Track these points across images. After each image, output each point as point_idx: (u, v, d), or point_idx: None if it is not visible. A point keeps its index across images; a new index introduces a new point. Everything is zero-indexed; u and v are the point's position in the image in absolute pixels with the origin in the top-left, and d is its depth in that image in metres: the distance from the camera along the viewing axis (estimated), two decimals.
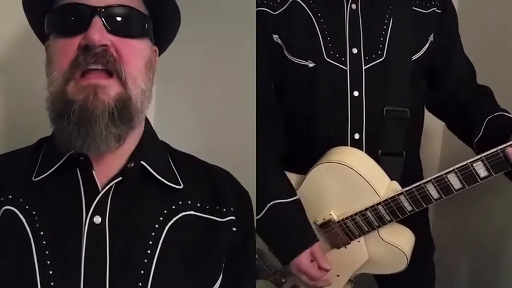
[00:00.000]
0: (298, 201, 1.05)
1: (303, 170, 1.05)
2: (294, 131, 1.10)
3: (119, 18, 0.77)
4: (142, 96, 0.79)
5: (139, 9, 0.81)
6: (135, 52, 0.80)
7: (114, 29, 0.77)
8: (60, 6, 0.78)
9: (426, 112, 1.15)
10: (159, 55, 0.89)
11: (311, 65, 1.03)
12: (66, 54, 0.75)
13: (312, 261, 1.04)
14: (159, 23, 0.86)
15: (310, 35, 1.03)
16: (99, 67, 0.75)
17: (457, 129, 1.12)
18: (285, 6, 1.04)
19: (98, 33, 0.74)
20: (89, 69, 0.75)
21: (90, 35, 0.74)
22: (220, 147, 1.02)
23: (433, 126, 1.49)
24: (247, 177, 0.96)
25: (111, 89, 0.75)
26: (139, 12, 0.81)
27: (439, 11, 1.06)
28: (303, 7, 1.04)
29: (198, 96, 1.07)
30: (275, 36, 1.04)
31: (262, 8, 1.04)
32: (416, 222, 1.05)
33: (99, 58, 0.74)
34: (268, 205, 1.02)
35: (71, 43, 0.75)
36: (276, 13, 1.04)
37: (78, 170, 0.79)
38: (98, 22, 0.75)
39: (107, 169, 0.79)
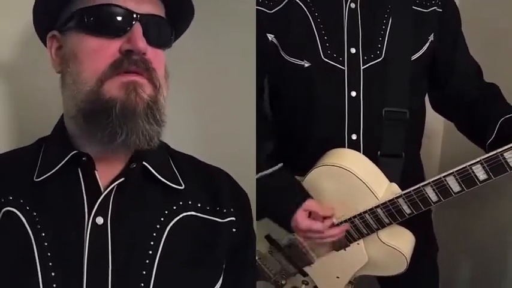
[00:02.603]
0: (280, 168, 1.03)
1: (300, 170, 1.04)
2: (291, 131, 1.09)
3: (154, 28, 0.78)
4: (165, 103, 0.80)
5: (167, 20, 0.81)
6: (162, 62, 0.81)
7: (150, 38, 0.77)
8: (99, 6, 0.76)
9: (426, 113, 1.14)
10: None
11: (307, 64, 1.02)
12: (103, 55, 0.75)
13: (309, 217, 1.01)
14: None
15: (307, 34, 1.02)
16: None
17: (467, 130, 1.10)
18: (281, 5, 1.03)
19: (142, 40, 0.75)
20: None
21: (135, 42, 0.74)
22: (220, 147, 1.02)
23: (433, 127, 1.49)
24: (247, 178, 0.96)
25: (147, 88, 0.76)
26: (168, 23, 0.81)
27: (440, 10, 1.05)
28: (300, 6, 1.03)
29: (198, 97, 1.06)
30: (270, 35, 1.04)
31: (257, 7, 1.02)
32: (419, 222, 1.04)
33: (139, 65, 0.75)
34: None
35: (109, 45, 0.75)
36: (271, 12, 1.03)
37: (80, 170, 0.78)
38: (139, 29, 0.75)
39: (109, 170, 0.79)
